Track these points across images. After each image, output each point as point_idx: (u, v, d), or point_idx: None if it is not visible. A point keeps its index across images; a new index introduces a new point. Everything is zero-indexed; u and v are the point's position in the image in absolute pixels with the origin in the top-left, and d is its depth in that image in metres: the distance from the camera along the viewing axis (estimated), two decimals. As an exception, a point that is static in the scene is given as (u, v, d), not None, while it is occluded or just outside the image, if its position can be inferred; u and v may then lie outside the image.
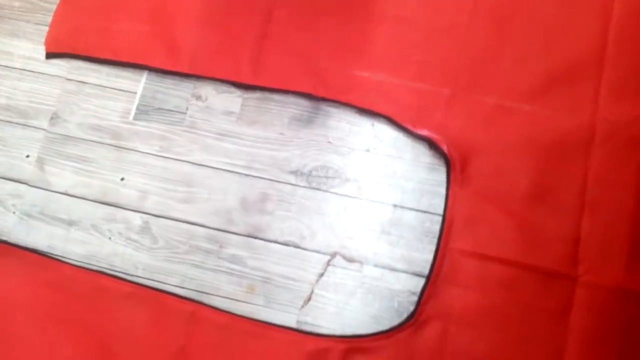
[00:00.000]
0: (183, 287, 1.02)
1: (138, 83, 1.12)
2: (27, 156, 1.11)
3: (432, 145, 1.01)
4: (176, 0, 1.14)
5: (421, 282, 0.97)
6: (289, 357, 0.97)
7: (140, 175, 1.07)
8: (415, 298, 0.97)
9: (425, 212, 1.00)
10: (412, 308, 0.96)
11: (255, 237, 1.03)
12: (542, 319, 0.94)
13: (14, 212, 1.09)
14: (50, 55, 1.15)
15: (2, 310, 1.04)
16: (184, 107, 1.09)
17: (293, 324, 0.99)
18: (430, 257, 0.98)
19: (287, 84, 1.07)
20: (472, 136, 1.01)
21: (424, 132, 1.01)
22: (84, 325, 1.02)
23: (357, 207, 1.02)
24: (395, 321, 0.96)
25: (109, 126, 1.10)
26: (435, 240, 0.98)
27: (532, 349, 0.94)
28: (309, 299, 0.99)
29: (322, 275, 1.00)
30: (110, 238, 1.05)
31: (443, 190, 1.00)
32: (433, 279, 0.96)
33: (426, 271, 0.97)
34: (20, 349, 1.03)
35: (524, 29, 1.05)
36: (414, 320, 0.95)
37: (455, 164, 0.99)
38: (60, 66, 1.15)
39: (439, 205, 1.00)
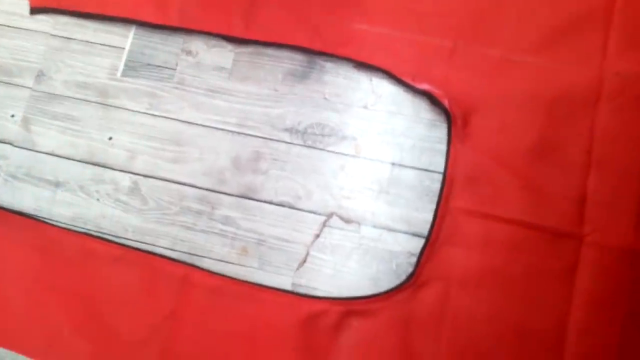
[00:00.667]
0: (174, 250, 0.98)
1: (126, 38, 1.07)
2: (12, 116, 1.07)
3: (432, 100, 0.97)
4: (163, -48, 1.08)
5: (421, 242, 0.93)
6: (284, 320, 0.94)
7: (128, 134, 1.03)
8: (414, 259, 0.93)
9: (425, 170, 0.96)
10: (411, 269, 0.93)
11: (249, 198, 0.99)
12: (547, 280, 0.91)
13: (-1, 174, 1.05)
14: (34, 11, 1.10)
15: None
16: (173, 62, 1.04)
17: (288, 287, 0.95)
18: (430, 217, 0.94)
19: (281, 38, 1.03)
20: (474, 91, 0.97)
21: (424, 87, 0.96)
22: (72, 289, 0.99)
23: (355, 165, 0.97)
24: (394, 283, 0.93)
25: (95, 83, 1.06)
26: (435, 200, 0.94)
27: (537, 310, 0.90)
28: (304, 261, 0.96)
29: (318, 236, 0.96)
30: (98, 199, 1.01)
31: (443, 147, 0.96)
32: (433, 239, 0.93)
33: (426, 232, 0.94)
34: (7, 314, 1.00)
35: None
36: (412, 281, 0.92)
37: (456, 119, 0.95)
38: (45, 22, 1.10)
39: (439, 163, 0.95)
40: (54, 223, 1.01)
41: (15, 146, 1.06)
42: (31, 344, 0.99)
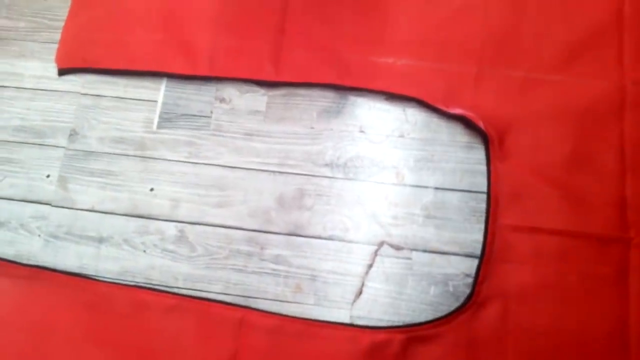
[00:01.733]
0: (227, 294, 0.98)
1: (158, 91, 1.09)
2: (48, 176, 1.07)
3: (467, 123, 1.00)
4: (186, 5, 1.12)
5: (474, 263, 0.95)
6: (347, 354, 0.93)
7: (170, 183, 1.04)
8: (470, 280, 0.94)
9: (468, 191, 0.98)
10: (468, 290, 0.94)
11: (297, 235, 0.99)
12: (600, 286, 0.92)
13: (39, 235, 1.04)
14: (62, 72, 1.12)
15: (38, 335, 0.98)
16: (208, 110, 1.06)
17: (347, 320, 0.95)
18: (479, 236, 0.96)
19: (311, 77, 1.06)
20: (505, 111, 1.00)
21: (458, 111, 1.00)
22: (125, 345, 0.97)
23: (398, 193, 0.99)
24: (453, 305, 0.94)
25: (132, 137, 1.07)
26: (482, 219, 0.96)
27: (595, 317, 0.92)
28: (360, 292, 0.96)
29: (371, 266, 0.97)
30: (144, 251, 1.01)
31: (483, 168, 0.98)
32: (486, 258, 0.94)
33: (477, 251, 0.95)
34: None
35: (540, 1, 1.05)
36: (472, 302, 0.93)
37: (493, 139, 0.98)
38: (74, 82, 1.12)
39: (481, 184, 0.98)
40: (101, 279, 1.00)
41: (54, 206, 1.05)
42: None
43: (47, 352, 0.98)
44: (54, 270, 1.01)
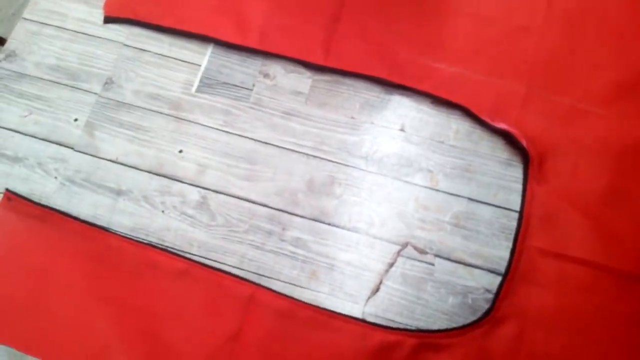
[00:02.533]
0: (241, 269, 0.95)
1: (202, 55, 1.07)
2: (75, 120, 1.04)
3: (509, 139, 0.99)
4: (247, -24, 1.10)
5: (496, 279, 0.93)
6: (354, 349, 0.91)
7: (200, 148, 1.01)
8: (490, 295, 0.92)
9: (501, 207, 0.96)
10: (487, 305, 0.92)
11: (321, 222, 0.97)
12: (620, 323, 0.91)
13: (55, 177, 1.01)
14: (108, 20, 1.10)
15: (38, 279, 0.94)
16: (250, 83, 1.04)
17: (359, 315, 0.92)
18: (505, 254, 0.94)
19: (359, 68, 1.04)
20: (548, 134, 1.00)
21: (502, 126, 0.99)
22: (128, 303, 0.93)
23: (430, 197, 0.97)
24: (470, 318, 0.91)
25: (168, 96, 1.04)
26: (511, 237, 0.95)
27: (610, 352, 0.90)
28: (377, 289, 0.94)
29: (392, 265, 0.94)
30: (163, 211, 0.98)
31: (519, 187, 0.97)
32: (510, 276, 0.92)
33: (501, 268, 0.93)
34: (54, 325, 0.93)
35: (596, 34, 1.06)
36: (489, 317, 0.91)
37: (534, 159, 0.97)
38: (118, 31, 1.09)
39: (515, 202, 0.96)
40: (114, 232, 0.96)
41: (76, 150, 1.02)
42: (75, 358, 0.92)
43: (44, 297, 0.94)
44: (67, 215, 0.97)
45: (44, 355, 0.92)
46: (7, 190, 0.98)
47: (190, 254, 0.95)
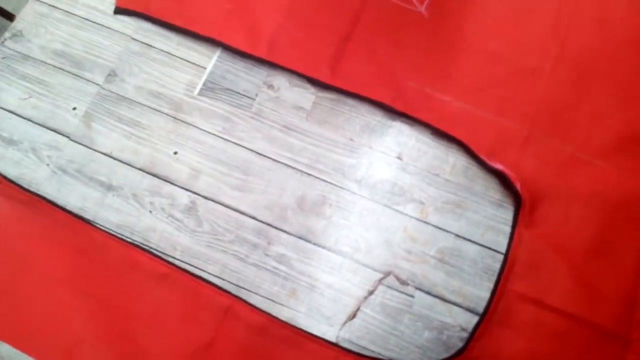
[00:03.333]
0: (221, 278, 0.95)
1: (209, 59, 1.06)
2: (74, 109, 1.03)
3: (504, 181, 0.99)
4: (263, -15, 1.10)
5: (473, 319, 0.93)
6: (325, 373, 0.90)
7: (196, 152, 1.01)
8: (465, 334, 0.92)
9: (487, 247, 0.96)
10: (461, 344, 0.92)
11: (308, 240, 0.97)
12: (590, 378, 0.91)
13: (47, 165, 1.00)
14: (118, 11, 1.09)
15: (18, 265, 0.94)
16: (253, 92, 1.04)
17: (332, 339, 0.92)
18: (486, 295, 0.94)
19: (364, 90, 1.04)
20: (544, 180, 1.00)
21: (499, 167, 0.99)
22: (106, 300, 0.93)
23: (419, 229, 0.97)
24: (442, 355, 0.92)
25: (170, 96, 1.04)
26: (493, 279, 0.95)
27: (578, 407, 0.90)
28: (354, 315, 0.94)
29: (371, 292, 0.94)
30: (151, 212, 0.97)
31: (507, 229, 0.97)
32: (487, 317, 0.93)
33: (480, 308, 0.93)
34: (29, 314, 0.93)
35: (604, 84, 1.05)
36: (462, 356, 0.91)
37: (525, 204, 0.97)
38: (127, 24, 1.09)
39: (502, 244, 0.97)
40: (99, 227, 0.96)
41: (72, 140, 1.02)
42: (48, 350, 0.92)
43: (22, 284, 0.94)
44: (54, 204, 0.97)
45: (16, 342, 0.92)
46: (-2, 172, 0.98)
47: (172, 257, 0.95)
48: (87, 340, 0.91)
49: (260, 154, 1.01)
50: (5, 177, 0.97)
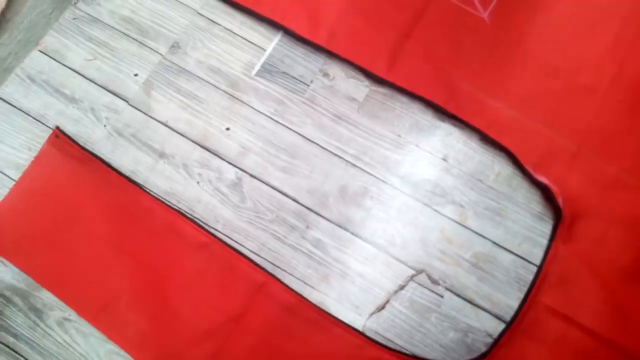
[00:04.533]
0: (258, 255, 0.98)
1: (270, 41, 1.08)
2: (136, 75, 1.07)
3: (547, 194, 0.99)
4: (329, -24, 1.11)
5: (500, 326, 0.94)
6: (348, 359, 0.93)
7: (247, 131, 1.03)
8: (489, 340, 0.93)
9: (522, 258, 0.97)
10: (484, 349, 0.93)
11: (345, 229, 0.99)
12: (610, 400, 0.91)
13: (105, 126, 1.04)
14: (188, -16, 1.11)
15: (67, 219, 0.98)
16: (308, 79, 1.06)
17: (358, 327, 0.94)
18: (515, 304, 0.95)
19: (418, 89, 1.05)
20: (586, 198, 1.00)
21: (544, 180, 0.99)
22: (146, 262, 0.97)
23: (456, 232, 0.99)
24: (464, 357, 0.93)
25: (229, 73, 1.06)
26: (524, 289, 0.96)
27: None
28: (383, 307, 0.95)
29: (402, 287, 0.96)
30: (198, 182, 1.01)
31: (545, 242, 0.98)
32: (514, 326, 0.94)
33: (507, 316, 0.94)
34: (73, 267, 0.97)
35: None
36: (484, 361, 0.92)
37: (565, 220, 0.97)
38: (195, -1, 1.11)
39: (537, 256, 0.97)
40: (148, 191, 1.00)
41: (130, 105, 1.05)
42: (85, 301, 0.97)
43: (68, 237, 0.98)
44: (107, 165, 1.00)
45: (56, 290, 0.96)
46: (57, 128, 1.02)
47: (214, 229, 0.98)
48: (122, 297, 0.95)
49: (309, 140, 1.03)
50: (63, 133, 1.01)
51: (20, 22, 1.06)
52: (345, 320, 0.95)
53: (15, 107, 1.04)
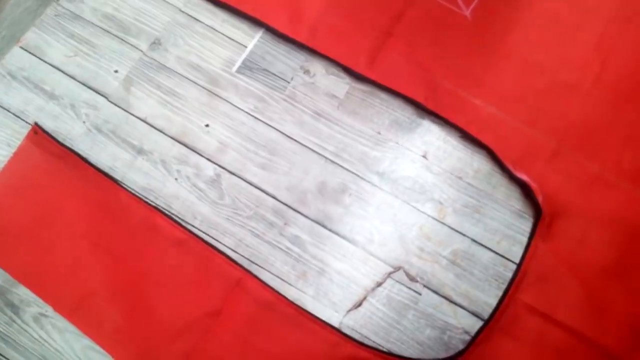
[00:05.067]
0: (236, 251, 0.97)
1: (251, 38, 1.09)
2: (116, 71, 1.07)
3: (526, 191, 0.99)
4: (311, -28, 1.11)
5: (477, 323, 0.94)
6: (325, 355, 0.93)
7: (226, 127, 1.03)
8: (467, 337, 0.93)
9: (501, 255, 0.97)
10: (461, 346, 0.92)
11: (323, 226, 0.98)
12: (588, 398, 0.90)
13: (84, 122, 1.04)
14: (169, -18, 1.12)
15: (45, 216, 0.98)
16: (289, 76, 1.06)
17: (336, 324, 0.94)
18: (493, 301, 0.94)
19: (398, 86, 1.05)
20: (566, 196, 0.99)
21: (523, 177, 0.99)
22: (123, 257, 0.97)
23: (434, 229, 0.98)
24: (441, 355, 0.92)
25: (209, 70, 1.06)
26: (503, 287, 0.95)
27: None
28: (360, 304, 0.95)
29: (380, 284, 0.96)
30: (176, 179, 1.00)
31: (524, 240, 0.97)
32: (492, 324, 0.93)
33: (485, 314, 0.94)
34: (48, 262, 0.97)
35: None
36: (461, 358, 0.91)
37: (545, 217, 0.97)
38: (177, -5, 1.11)
39: (516, 254, 0.97)
40: (126, 187, 0.99)
41: (110, 101, 1.05)
42: (61, 297, 0.96)
43: (47, 233, 0.98)
44: (85, 161, 1.00)
45: (33, 286, 0.96)
46: (36, 124, 1.02)
47: (192, 225, 0.98)
48: (99, 293, 0.95)
49: (288, 137, 1.02)
50: (42, 129, 1.01)
51: (4, 19, 1.07)
52: (322, 317, 0.94)
53: (-5, 103, 1.05)
